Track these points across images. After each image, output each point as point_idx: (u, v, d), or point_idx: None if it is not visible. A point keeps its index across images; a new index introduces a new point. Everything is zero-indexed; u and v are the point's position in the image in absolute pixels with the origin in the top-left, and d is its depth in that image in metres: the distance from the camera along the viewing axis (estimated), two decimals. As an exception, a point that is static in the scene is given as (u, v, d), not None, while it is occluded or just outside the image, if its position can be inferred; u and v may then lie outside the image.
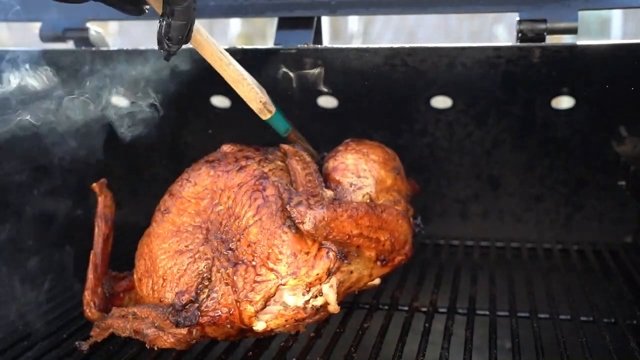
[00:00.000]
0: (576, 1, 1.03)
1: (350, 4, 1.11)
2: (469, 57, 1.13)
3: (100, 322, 0.89)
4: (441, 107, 1.25)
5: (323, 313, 0.88)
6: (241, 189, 0.88)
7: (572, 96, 1.19)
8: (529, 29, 1.04)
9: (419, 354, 0.86)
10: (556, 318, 0.96)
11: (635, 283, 1.09)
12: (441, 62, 1.15)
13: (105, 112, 1.33)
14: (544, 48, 1.07)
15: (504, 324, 0.96)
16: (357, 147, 0.98)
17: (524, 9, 1.05)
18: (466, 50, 1.12)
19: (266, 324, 0.84)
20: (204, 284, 0.84)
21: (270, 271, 0.82)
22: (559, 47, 1.08)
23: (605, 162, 1.23)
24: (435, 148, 1.30)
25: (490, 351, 0.86)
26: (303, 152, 0.97)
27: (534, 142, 1.26)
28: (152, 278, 0.87)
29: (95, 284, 0.94)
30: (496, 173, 1.31)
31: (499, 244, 1.31)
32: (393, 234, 0.91)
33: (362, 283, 0.95)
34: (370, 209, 0.87)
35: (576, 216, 1.31)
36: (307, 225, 0.81)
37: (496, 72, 1.15)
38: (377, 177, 0.95)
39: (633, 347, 0.85)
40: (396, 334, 0.92)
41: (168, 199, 0.94)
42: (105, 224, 0.97)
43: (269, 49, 1.13)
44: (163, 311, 0.83)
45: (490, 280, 1.10)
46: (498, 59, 1.13)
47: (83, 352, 0.88)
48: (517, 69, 1.13)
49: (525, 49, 1.08)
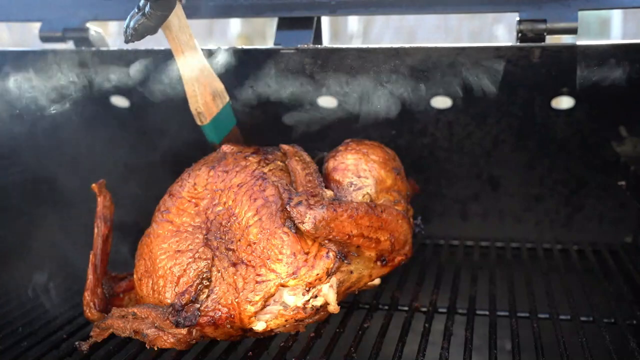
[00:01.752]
0: (576, 1, 1.03)
1: (350, 4, 1.11)
2: (469, 57, 1.13)
3: (100, 323, 0.89)
4: (441, 107, 1.25)
5: (323, 313, 0.88)
6: (241, 189, 0.88)
7: (572, 96, 1.19)
8: (529, 29, 1.04)
9: (419, 354, 0.86)
10: (556, 318, 0.96)
11: (635, 283, 1.09)
12: (441, 62, 1.15)
13: (105, 112, 1.33)
14: (544, 48, 1.07)
15: (504, 324, 0.96)
16: (357, 147, 0.98)
17: (524, 9, 1.05)
18: (466, 50, 1.12)
19: (266, 324, 0.84)
20: (204, 284, 0.84)
21: (270, 271, 0.82)
22: (558, 47, 1.08)
23: (605, 162, 1.23)
24: (435, 148, 1.30)
25: (490, 351, 0.86)
26: (303, 152, 0.97)
27: (534, 142, 1.26)
28: (152, 278, 0.87)
29: (95, 285, 0.94)
30: (496, 173, 1.31)
31: (499, 244, 1.31)
32: (393, 234, 0.91)
33: (362, 283, 0.95)
34: (370, 209, 0.87)
35: (576, 216, 1.31)
36: (307, 225, 0.81)
37: (496, 72, 1.15)
38: (377, 177, 0.95)
39: (633, 347, 0.85)
40: (396, 334, 0.92)
41: (168, 199, 0.94)
42: (105, 225, 0.97)
43: (269, 49, 1.13)
44: (163, 311, 0.83)
45: (490, 280, 1.10)
46: (498, 59, 1.13)
47: (83, 352, 0.88)
48: (517, 69, 1.13)
49: (525, 49, 1.08)
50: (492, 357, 0.85)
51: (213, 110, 0.97)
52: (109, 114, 1.33)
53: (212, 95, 0.96)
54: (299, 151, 0.97)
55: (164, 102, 1.33)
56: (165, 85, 1.28)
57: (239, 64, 1.19)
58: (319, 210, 0.82)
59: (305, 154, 0.96)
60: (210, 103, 0.96)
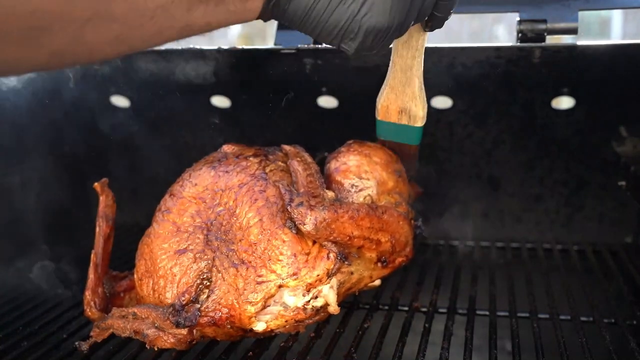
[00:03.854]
0: (576, 1, 1.03)
1: (351, 4, 1.10)
2: (469, 57, 1.13)
3: (100, 323, 0.89)
4: (441, 107, 1.25)
5: (323, 314, 0.88)
6: (242, 189, 0.88)
7: (572, 96, 1.19)
8: (529, 29, 1.04)
9: (419, 354, 0.86)
10: (556, 318, 0.96)
11: (635, 283, 1.09)
12: (441, 62, 1.15)
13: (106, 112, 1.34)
14: (544, 48, 1.07)
15: (504, 324, 0.96)
16: (359, 149, 0.98)
17: (524, 9, 1.05)
18: (466, 50, 1.13)
19: (266, 325, 0.84)
20: (205, 285, 0.84)
21: (270, 272, 0.82)
22: (559, 48, 1.08)
23: (605, 162, 1.23)
24: (435, 148, 1.30)
25: (490, 351, 0.87)
26: (304, 153, 0.97)
27: (534, 142, 1.26)
28: (153, 278, 0.87)
29: (96, 284, 0.94)
30: (496, 173, 1.31)
31: (499, 244, 1.31)
32: (394, 236, 0.91)
33: (362, 284, 0.95)
34: (371, 210, 0.87)
35: (576, 216, 1.31)
36: (308, 226, 0.81)
37: (496, 72, 1.15)
38: (379, 179, 0.95)
39: (633, 348, 0.85)
40: (396, 334, 0.92)
41: (168, 199, 0.94)
42: (106, 224, 0.97)
43: (269, 49, 1.13)
44: (163, 311, 0.83)
45: (490, 281, 1.10)
46: (498, 59, 1.13)
47: (83, 352, 0.88)
48: (517, 69, 1.13)
49: (525, 49, 1.08)
50: (492, 357, 0.85)
51: (391, 117, 0.98)
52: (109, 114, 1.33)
53: (399, 109, 0.97)
54: (301, 152, 0.97)
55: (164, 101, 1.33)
56: (166, 85, 1.28)
57: (240, 64, 1.19)
58: (319, 211, 0.82)
59: (306, 154, 0.96)
60: (392, 112, 0.97)
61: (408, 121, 0.98)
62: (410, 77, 0.94)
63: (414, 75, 0.94)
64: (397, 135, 1.01)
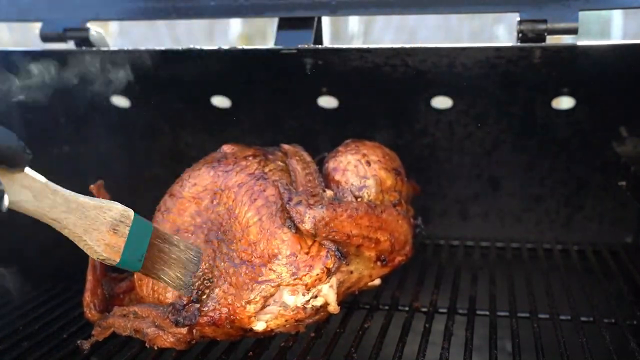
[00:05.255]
0: (576, 1, 1.03)
1: (351, 4, 1.10)
2: (469, 58, 1.13)
3: (101, 321, 0.89)
4: (441, 107, 1.25)
5: (323, 313, 0.88)
6: (241, 189, 0.88)
7: (572, 96, 1.19)
8: (529, 29, 1.04)
9: (419, 355, 0.86)
10: (556, 318, 0.96)
11: (635, 283, 1.09)
12: (441, 62, 1.15)
13: (106, 112, 1.33)
14: (544, 48, 1.07)
15: (504, 324, 0.96)
16: (357, 148, 0.98)
17: (524, 9, 1.04)
18: (466, 50, 1.12)
19: (266, 324, 0.84)
20: (205, 284, 0.84)
21: (270, 271, 0.82)
22: (559, 48, 1.08)
23: (605, 162, 1.23)
24: (435, 148, 1.30)
25: (490, 351, 0.86)
26: (303, 152, 0.97)
27: (534, 142, 1.26)
28: (153, 278, 0.87)
29: (95, 285, 0.94)
30: (496, 173, 1.31)
31: (499, 244, 1.31)
32: (393, 234, 0.91)
33: (362, 283, 0.95)
34: (370, 209, 0.87)
35: (576, 216, 1.31)
36: (307, 225, 0.81)
37: (496, 72, 1.15)
38: (378, 178, 0.95)
39: (633, 348, 0.85)
40: (396, 334, 0.92)
41: (168, 199, 0.94)
42: (105, 225, 0.97)
43: (269, 49, 1.13)
44: (163, 310, 0.83)
45: (490, 281, 1.10)
46: (498, 59, 1.13)
47: (84, 351, 0.88)
48: (517, 69, 1.13)
49: (525, 49, 1.08)
50: (492, 357, 0.85)
51: (120, 244, 0.75)
52: (109, 114, 1.33)
53: (112, 231, 0.75)
54: (300, 151, 0.97)
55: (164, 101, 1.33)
56: (166, 85, 1.28)
57: (240, 64, 1.19)
58: (318, 210, 0.82)
59: (305, 153, 0.96)
60: (113, 240, 0.75)
61: (127, 224, 0.76)
62: (69, 203, 0.73)
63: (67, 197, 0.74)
64: (140, 242, 0.78)
